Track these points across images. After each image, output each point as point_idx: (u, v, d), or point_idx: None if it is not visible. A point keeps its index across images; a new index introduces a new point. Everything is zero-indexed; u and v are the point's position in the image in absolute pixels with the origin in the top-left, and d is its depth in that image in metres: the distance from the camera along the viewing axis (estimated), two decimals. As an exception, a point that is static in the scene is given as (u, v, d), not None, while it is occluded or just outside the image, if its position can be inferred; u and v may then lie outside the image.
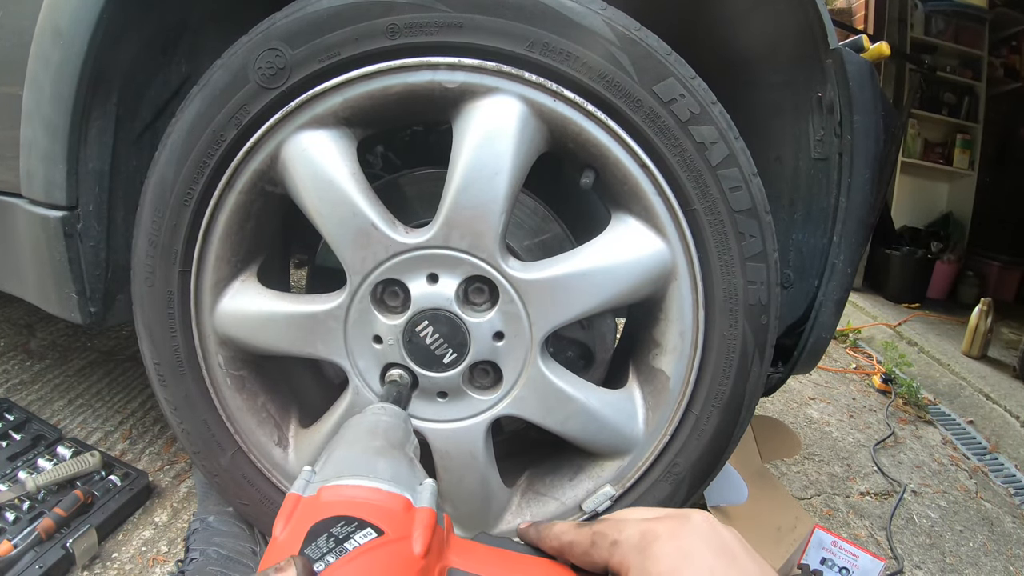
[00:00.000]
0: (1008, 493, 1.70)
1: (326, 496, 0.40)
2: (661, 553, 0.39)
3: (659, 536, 0.40)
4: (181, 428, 0.82)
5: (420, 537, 0.38)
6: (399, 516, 0.39)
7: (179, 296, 0.76)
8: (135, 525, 1.00)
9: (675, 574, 0.38)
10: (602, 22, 0.65)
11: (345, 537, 0.36)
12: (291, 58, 0.67)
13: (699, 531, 0.41)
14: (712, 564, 0.38)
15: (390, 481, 0.42)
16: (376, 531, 0.37)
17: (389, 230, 0.70)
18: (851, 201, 0.79)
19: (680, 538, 0.40)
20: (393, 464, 0.45)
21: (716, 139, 0.68)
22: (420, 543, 0.38)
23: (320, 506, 0.39)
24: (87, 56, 0.73)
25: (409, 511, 0.40)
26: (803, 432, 1.81)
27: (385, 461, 0.45)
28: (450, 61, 0.66)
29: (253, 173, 0.72)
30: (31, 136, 0.79)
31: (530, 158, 0.70)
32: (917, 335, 3.04)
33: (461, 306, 0.72)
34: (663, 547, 0.40)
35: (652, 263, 0.72)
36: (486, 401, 0.76)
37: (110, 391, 1.39)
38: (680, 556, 0.39)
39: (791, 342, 0.86)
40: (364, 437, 0.50)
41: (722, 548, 0.40)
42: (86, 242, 0.82)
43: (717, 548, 0.40)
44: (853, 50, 0.79)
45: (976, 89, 4.23)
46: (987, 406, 2.26)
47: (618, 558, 0.42)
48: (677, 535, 0.40)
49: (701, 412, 0.76)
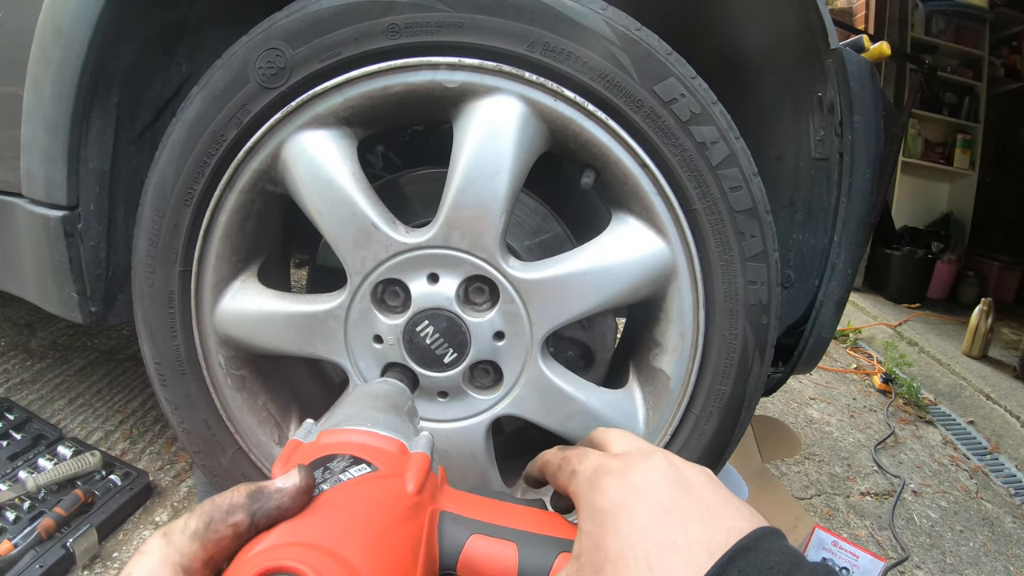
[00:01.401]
0: (1008, 493, 1.70)
1: (325, 439, 0.41)
2: (609, 487, 0.38)
3: (610, 471, 0.39)
4: (181, 428, 0.82)
5: (413, 476, 0.39)
6: (394, 457, 0.40)
7: (180, 295, 0.76)
8: (135, 525, 1.00)
9: (621, 508, 0.36)
10: (603, 22, 0.65)
11: (341, 470, 0.37)
12: (291, 58, 0.67)
13: (655, 467, 0.38)
14: (663, 497, 0.36)
15: (387, 428, 0.43)
16: (371, 467, 0.38)
17: (389, 230, 0.70)
18: (851, 201, 0.79)
19: (631, 474, 0.38)
20: (392, 418, 0.46)
21: (717, 139, 0.68)
22: (413, 482, 0.38)
23: (319, 447, 0.40)
24: (87, 56, 0.73)
25: (404, 454, 0.41)
26: (803, 432, 1.81)
27: (384, 415, 0.46)
28: (451, 61, 0.66)
29: (254, 173, 0.72)
30: (31, 136, 0.79)
31: (531, 158, 0.70)
32: (917, 335, 3.04)
33: (461, 306, 0.72)
34: (612, 481, 0.38)
35: (652, 263, 0.72)
36: (486, 401, 0.76)
37: (110, 390, 1.39)
38: (628, 490, 0.37)
39: (791, 342, 0.86)
40: (365, 398, 0.52)
41: (678, 482, 0.37)
42: (86, 242, 0.82)
43: (672, 482, 0.37)
44: (854, 50, 0.79)
45: (977, 89, 4.23)
46: (987, 406, 2.26)
47: (573, 488, 0.41)
48: (628, 472, 0.38)
49: (701, 412, 0.76)
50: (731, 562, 0.32)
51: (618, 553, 0.34)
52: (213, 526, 0.30)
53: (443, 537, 0.39)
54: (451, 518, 0.40)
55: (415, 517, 0.37)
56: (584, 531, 0.37)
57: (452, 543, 0.39)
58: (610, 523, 0.36)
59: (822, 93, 0.79)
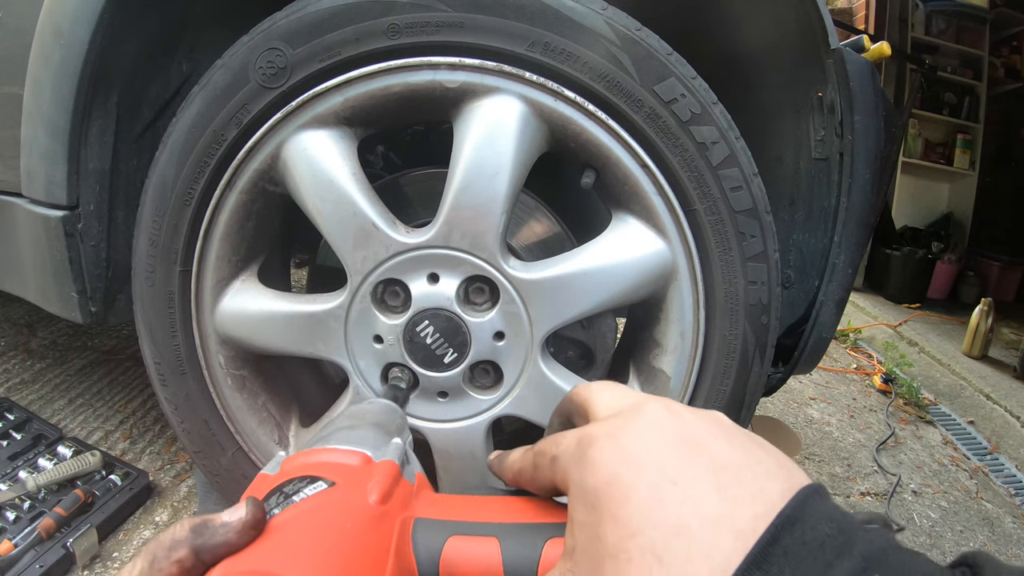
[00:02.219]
0: (1008, 493, 1.70)
1: (287, 466, 0.39)
2: (598, 458, 0.30)
3: (596, 438, 0.31)
4: (182, 427, 0.82)
5: (376, 485, 0.36)
6: (355, 470, 0.38)
7: (180, 295, 0.76)
8: (136, 525, 1.00)
9: (615, 484, 0.29)
10: (603, 22, 0.65)
11: (294, 492, 0.35)
12: (292, 58, 0.67)
13: (650, 423, 0.31)
14: (665, 461, 0.29)
15: (349, 443, 0.41)
16: (327, 483, 0.36)
17: (390, 230, 0.70)
18: (852, 201, 0.79)
19: (622, 436, 0.31)
20: (361, 432, 0.44)
21: (717, 139, 0.68)
22: (376, 491, 0.36)
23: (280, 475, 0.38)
24: (88, 56, 0.73)
25: (368, 465, 0.39)
26: (803, 432, 1.81)
27: (354, 432, 0.44)
28: (451, 61, 0.66)
29: (254, 173, 0.72)
30: (32, 136, 0.79)
31: (531, 158, 0.70)
32: (918, 335, 3.04)
33: (462, 306, 0.72)
34: (600, 451, 0.30)
35: (653, 263, 0.72)
36: (486, 401, 0.76)
37: (111, 390, 1.39)
38: (621, 459, 0.29)
39: (792, 342, 0.86)
40: (340, 419, 0.50)
41: (682, 438, 0.30)
42: (87, 241, 0.82)
43: (675, 439, 0.30)
44: (854, 50, 0.79)
45: (977, 89, 4.23)
46: (987, 406, 2.26)
47: (560, 475, 0.33)
48: (618, 434, 0.31)
49: (701, 412, 0.76)
50: (773, 543, 0.24)
51: (617, 544, 0.27)
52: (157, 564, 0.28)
53: (418, 545, 0.36)
54: (425, 524, 0.37)
55: (379, 528, 0.35)
56: (575, 521, 0.30)
57: (428, 550, 0.36)
58: (604, 506, 0.28)
59: (822, 93, 0.79)
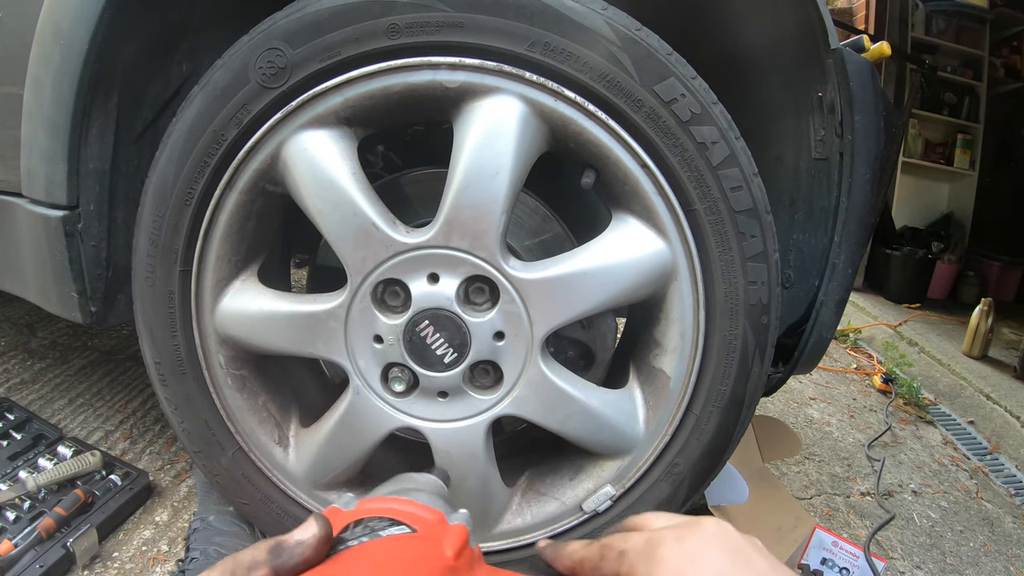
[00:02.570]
0: (1008, 493, 1.70)
1: (364, 506, 0.42)
2: (666, 556, 0.38)
3: (664, 541, 0.40)
4: (182, 427, 0.82)
5: (452, 542, 0.39)
6: (433, 524, 0.41)
7: (180, 295, 0.76)
8: (136, 524, 1.00)
9: None
10: (603, 22, 0.65)
11: (381, 528, 0.38)
12: (292, 58, 0.67)
13: (709, 534, 0.39)
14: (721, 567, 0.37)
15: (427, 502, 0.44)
16: (410, 529, 0.39)
17: (390, 230, 0.70)
18: (852, 201, 0.79)
19: (687, 541, 0.39)
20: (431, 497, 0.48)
21: (717, 139, 0.68)
22: (452, 547, 0.39)
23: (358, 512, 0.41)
24: (88, 56, 0.73)
25: (443, 523, 0.42)
26: (804, 432, 1.81)
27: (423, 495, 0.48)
28: (451, 61, 0.66)
29: (254, 173, 0.72)
30: (32, 136, 0.79)
31: (531, 158, 0.70)
32: (918, 335, 3.04)
33: (462, 306, 0.72)
34: (668, 551, 0.39)
35: (653, 263, 0.72)
36: (486, 401, 0.76)
37: (111, 390, 1.39)
38: (686, 559, 0.38)
39: (792, 342, 0.86)
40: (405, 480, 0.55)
41: (735, 551, 0.38)
42: (87, 241, 0.82)
43: (730, 551, 0.38)
44: (854, 50, 0.79)
45: (977, 89, 4.22)
46: (988, 406, 2.26)
47: (626, 567, 0.41)
48: (684, 539, 0.39)
49: (702, 412, 0.76)
50: None
51: None
52: None
53: None
54: None
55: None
56: None
57: None
58: None
59: (822, 93, 0.79)
